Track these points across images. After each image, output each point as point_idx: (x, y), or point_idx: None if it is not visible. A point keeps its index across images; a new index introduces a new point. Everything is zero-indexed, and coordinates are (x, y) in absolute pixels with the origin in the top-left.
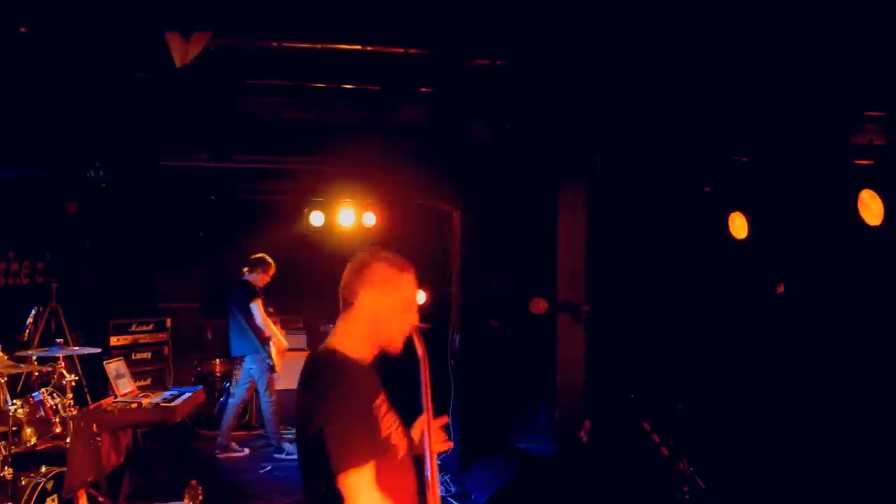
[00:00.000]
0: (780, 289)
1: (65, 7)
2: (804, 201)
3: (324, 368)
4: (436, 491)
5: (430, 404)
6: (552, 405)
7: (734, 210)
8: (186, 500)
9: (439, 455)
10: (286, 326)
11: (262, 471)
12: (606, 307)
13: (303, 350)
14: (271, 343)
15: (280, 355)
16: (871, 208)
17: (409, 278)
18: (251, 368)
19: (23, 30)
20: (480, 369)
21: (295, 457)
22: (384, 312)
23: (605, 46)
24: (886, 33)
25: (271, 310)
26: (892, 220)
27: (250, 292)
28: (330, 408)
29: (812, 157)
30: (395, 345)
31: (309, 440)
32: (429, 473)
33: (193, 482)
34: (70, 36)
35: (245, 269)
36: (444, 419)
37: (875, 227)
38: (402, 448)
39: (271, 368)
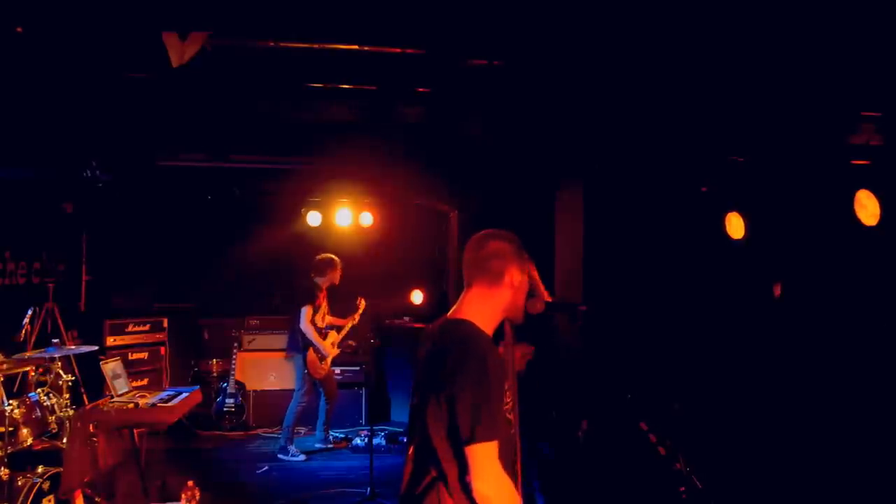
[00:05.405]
0: (777, 289)
1: (62, 7)
2: (801, 201)
3: (466, 339)
4: (519, 468)
5: (516, 388)
6: (550, 405)
7: (731, 210)
8: (183, 501)
9: None
10: (285, 326)
11: (259, 471)
12: (604, 307)
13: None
14: (310, 350)
15: (321, 363)
16: (867, 208)
17: None
18: (297, 367)
19: (19, 30)
20: None
21: (296, 459)
22: (522, 286)
23: (603, 47)
24: (883, 34)
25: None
26: (888, 221)
27: (304, 295)
28: (470, 378)
29: (809, 157)
30: (521, 316)
31: (435, 406)
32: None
33: (191, 482)
34: (67, 36)
35: (311, 273)
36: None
37: (871, 228)
38: (513, 426)
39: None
